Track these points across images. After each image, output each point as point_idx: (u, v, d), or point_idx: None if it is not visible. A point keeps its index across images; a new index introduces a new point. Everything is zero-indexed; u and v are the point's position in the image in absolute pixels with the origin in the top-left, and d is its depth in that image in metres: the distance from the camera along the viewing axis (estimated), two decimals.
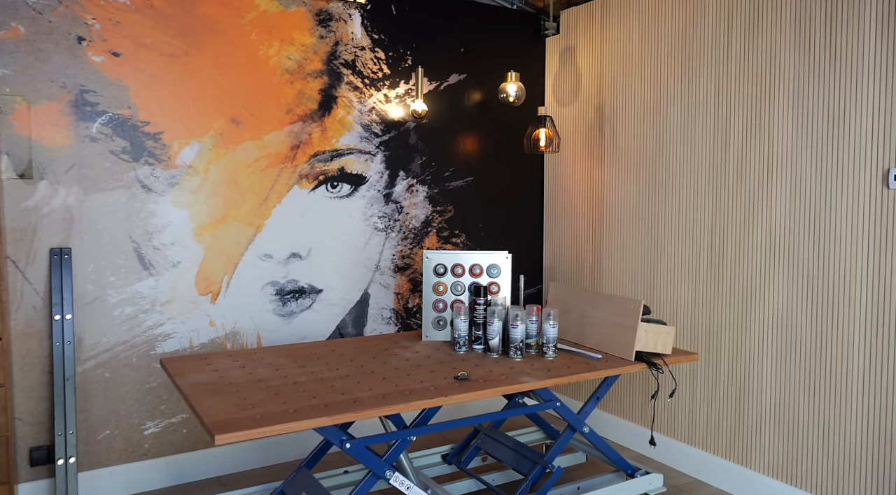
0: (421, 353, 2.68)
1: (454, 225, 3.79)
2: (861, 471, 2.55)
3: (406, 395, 2.13)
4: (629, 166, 3.49)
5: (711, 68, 3.06)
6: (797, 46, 2.71)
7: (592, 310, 2.81)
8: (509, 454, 2.81)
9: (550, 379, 2.34)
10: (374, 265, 3.53)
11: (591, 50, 3.72)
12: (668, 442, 3.31)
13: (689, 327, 3.20)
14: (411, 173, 3.62)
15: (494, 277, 2.89)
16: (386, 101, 3.52)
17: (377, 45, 3.47)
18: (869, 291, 2.50)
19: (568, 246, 3.94)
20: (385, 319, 3.59)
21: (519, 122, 3.96)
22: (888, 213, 2.44)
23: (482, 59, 3.82)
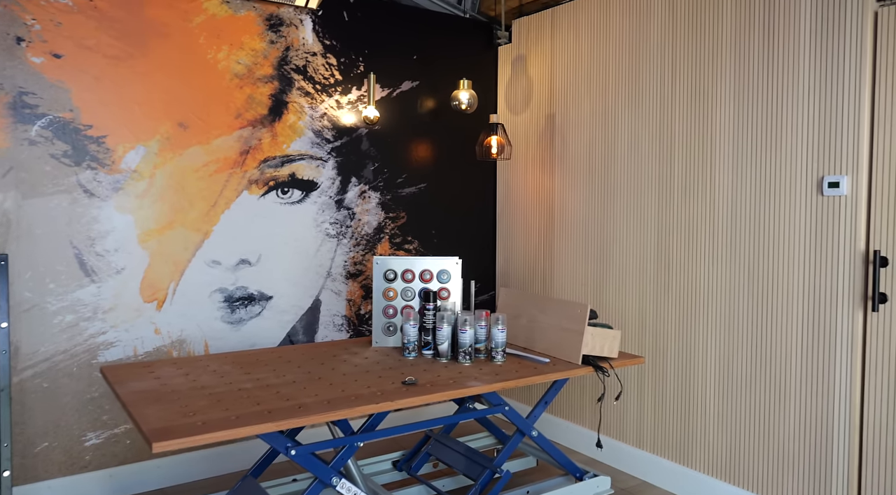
0: (370, 359, 2.67)
1: (407, 231, 3.79)
2: (798, 470, 2.62)
3: (352, 400, 2.12)
4: (579, 174, 3.55)
5: (657, 79, 3.14)
6: (736, 61, 2.81)
7: (541, 315, 2.84)
8: (460, 459, 2.81)
9: (498, 383, 2.35)
10: (326, 271, 3.51)
11: (541, 59, 3.78)
12: (617, 445, 3.36)
13: (637, 332, 3.26)
14: (364, 179, 3.61)
15: (444, 283, 2.90)
16: (338, 107, 3.51)
17: (329, 50, 3.46)
18: (805, 296, 2.59)
19: (520, 252, 3.98)
20: (337, 326, 3.57)
21: (472, 129, 3.99)
22: (822, 219, 2.53)
23: (435, 66, 3.84)
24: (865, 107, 2.43)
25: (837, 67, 2.48)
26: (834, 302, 2.51)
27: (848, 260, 2.47)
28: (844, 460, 2.49)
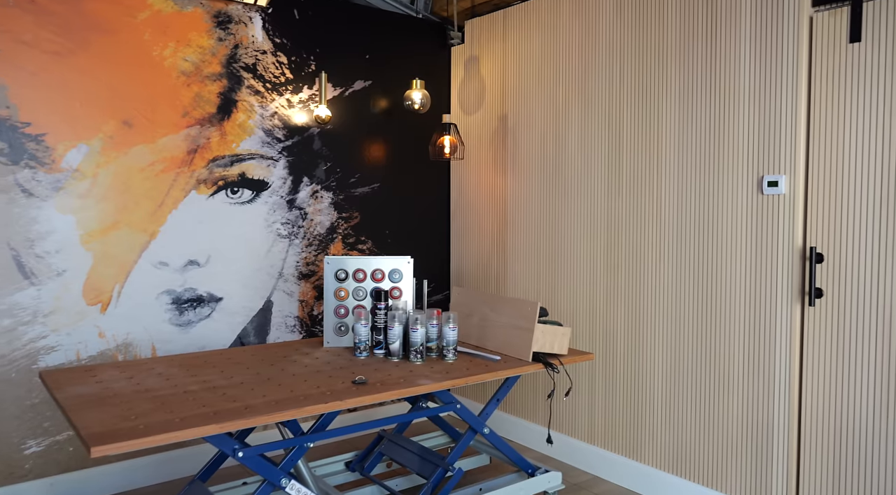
0: (321, 359, 2.65)
1: (360, 231, 3.77)
2: (742, 460, 2.70)
3: (301, 401, 2.10)
4: (531, 174, 3.59)
5: (605, 81, 3.19)
6: (681, 65, 2.88)
7: (493, 314, 2.87)
8: (413, 459, 2.81)
9: (448, 381, 2.36)
10: (278, 272, 3.47)
11: (494, 60, 3.81)
12: (569, 441, 3.41)
13: (588, 329, 3.31)
14: (316, 179, 3.59)
15: (396, 282, 2.90)
16: (289, 106, 3.47)
17: (279, 49, 3.43)
18: (747, 292, 2.67)
19: (474, 251, 4.00)
20: (289, 327, 3.53)
21: (425, 129, 4.00)
22: (762, 218, 2.61)
23: (388, 66, 3.84)
24: (802, 108, 2.51)
25: (776, 71, 2.56)
26: (774, 297, 2.59)
27: (786, 256, 2.55)
28: (784, 449, 2.57)
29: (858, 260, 2.39)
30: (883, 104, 2.32)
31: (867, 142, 2.36)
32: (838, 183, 2.44)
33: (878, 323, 2.35)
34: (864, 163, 2.37)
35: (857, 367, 2.40)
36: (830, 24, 2.44)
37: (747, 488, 2.68)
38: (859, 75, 2.38)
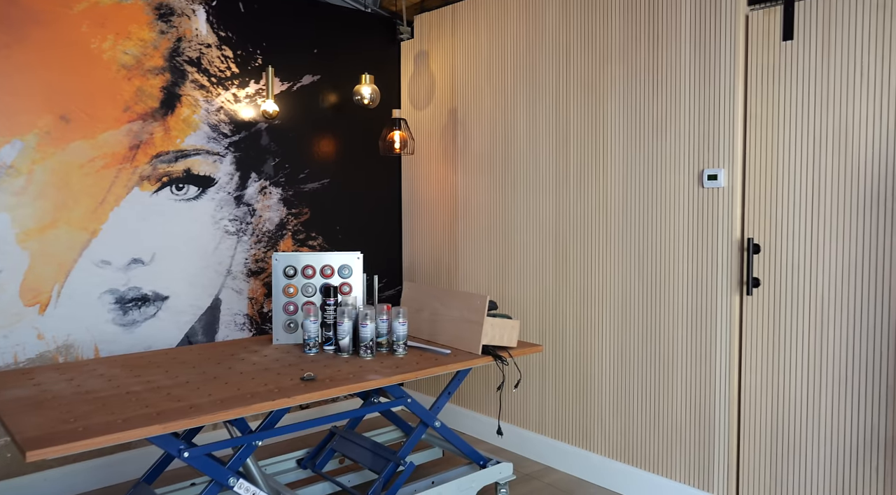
0: (269, 357, 2.63)
1: (311, 227, 3.74)
2: (686, 446, 2.78)
3: (248, 399, 2.08)
4: (481, 168, 3.62)
5: (552, 77, 3.24)
6: (624, 61, 2.93)
7: (443, 308, 2.88)
8: (365, 454, 2.81)
9: (398, 376, 2.37)
10: (226, 270, 3.42)
11: (443, 55, 3.82)
12: (521, 432, 3.45)
13: (538, 321, 3.35)
14: (264, 175, 3.54)
15: (346, 278, 2.89)
16: (235, 100, 3.42)
17: (224, 42, 3.37)
18: (689, 282, 2.75)
19: (426, 246, 4.01)
20: (238, 325, 3.48)
21: (375, 124, 3.98)
22: (703, 210, 2.69)
23: (337, 60, 3.81)
24: (739, 104, 2.60)
25: (715, 67, 2.64)
26: (714, 287, 2.67)
27: (726, 247, 2.63)
28: (725, 434, 2.66)
29: (792, 250, 2.49)
30: (813, 100, 2.42)
31: (799, 136, 2.46)
32: (773, 176, 2.53)
33: (811, 310, 2.44)
34: (797, 157, 2.46)
35: (792, 353, 2.50)
36: (765, 22, 2.52)
37: (692, 473, 2.77)
38: (792, 72, 2.47)
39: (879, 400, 2.30)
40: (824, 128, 2.39)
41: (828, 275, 2.40)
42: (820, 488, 2.44)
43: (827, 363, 2.41)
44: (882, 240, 2.28)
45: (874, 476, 2.32)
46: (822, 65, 2.39)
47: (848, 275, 2.36)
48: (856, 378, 2.35)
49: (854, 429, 2.36)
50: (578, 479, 3.16)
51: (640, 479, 2.93)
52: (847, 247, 2.36)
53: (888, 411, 2.28)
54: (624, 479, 3.00)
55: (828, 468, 2.42)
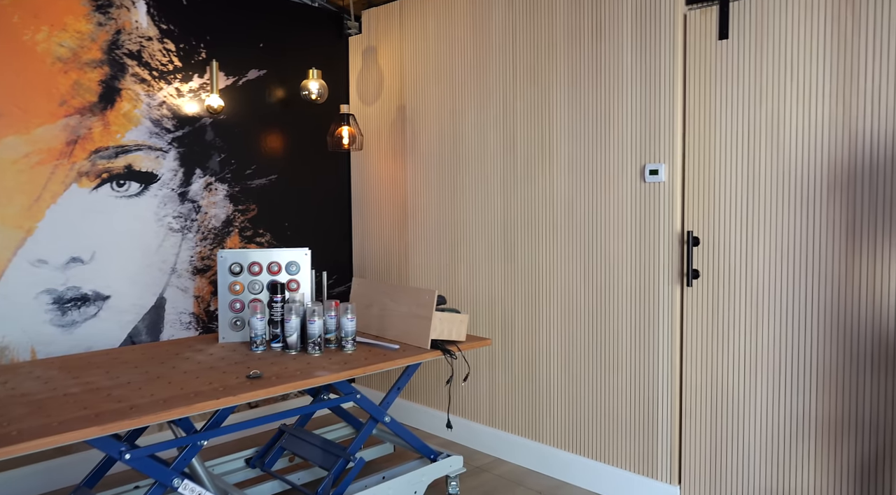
0: (215, 355, 2.59)
1: (258, 224, 3.69)
2: (631, 434, 2.85)
3: (191, 398, 2.05)
4: (430, 165, 3.63)
5: (499, 73, 3.27)
6: (569, 58, 2.98)
7: (392, 303, 2.89)
8: (315, 451, 2.79)
9: (346, 372, 2.36)
10: (170, 268, 3.35)
11: (391, 50, 3.82)
12: (472, 425, 3.49)
13: (487, 315, 3.39)
14: (209, 171, 3.48)
15: (294, 274, 2.87)
16: (178, 95, 3.35)
17: (166, 35, 3.29)
18: (633, 274, 2.81)
19: (376, 242, 4.01)
20: (184, 324, 3.42)
21: (324, 119, 3.95)
22: (645, 204, 2.76)
23: (283, 55, 3.76)
24: (678, 101, 2.67)
25: (655, 65, 2.71)
26: (656, 279, 2.74)
27: (667, 240, 2.71)
28: (668, 422, 2.74)
29: (729, 242, 2.57)
30: (748, 98, 2.50)
31: (735, 132, 2.54)
32: (711, 171, 2.61)
33: (747, 300, 2.53)
34: (733, 153, 2.55)
35: (729, 342, 2.59)
36: (702, 21, 2.60)
37: (637, 460, 2.84)
38: (727, 70, 2.55)
39: (809, 386, 2.40)
40: (758, 124, 2.48)
41: (762, 266, 2.49)
42: (756, 470, 2.54)
43: (761, 351, 2.51)
44: (811, 232, 2.38)
45: (805, 457, 2.42)
46: (756, 63, 2.48)
47: (781, 267, 2.45)
48: (788, 365, 2.45)
49: (786, 414, 2.46)
50: (528, 470, 3.21)
51: (588, 468, 3.00)
52: (780, 240, 2.45)
53: (817, 396, 2.39)
54: (572, 468, 3.06)
55: (763, 451, 2.52)
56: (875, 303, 2.26)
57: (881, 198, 2.23)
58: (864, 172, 2.26)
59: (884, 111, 2.21)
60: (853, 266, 2.30)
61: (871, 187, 2.25)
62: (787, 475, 2.47)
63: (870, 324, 2.27)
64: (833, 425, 2.36)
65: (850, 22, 2.26)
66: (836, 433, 2.36)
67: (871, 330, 2.27)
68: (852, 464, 2.33)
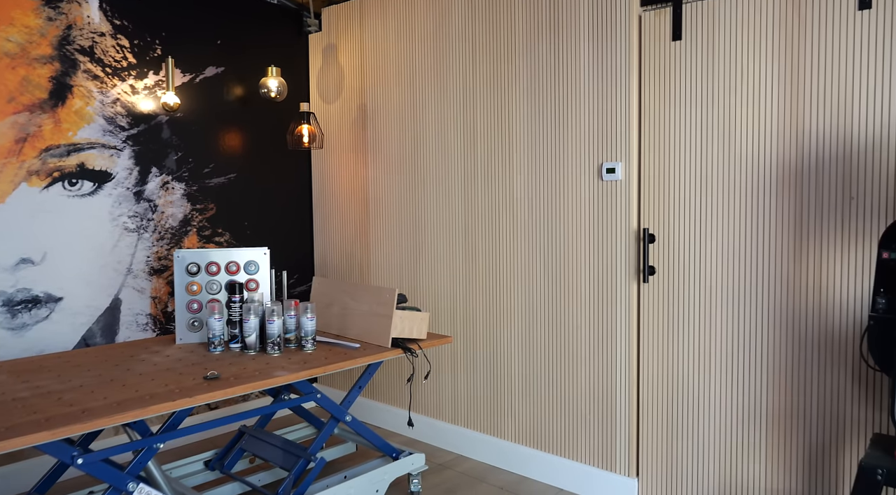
0: (172, 357, 2.55)
1: (217, 223, 3.64)
2: (590, 428, 2.90)
3: (146, 400, 2.01)
4: (391, 164, 3.62)
5: (459, 72, 3.28)
6: (529, 58, 3.01)
7: (353, 302, 2.88)
8: (276, 452, 2.77)
9: (305, 371, 2.35)
10: (126, 268, 3.28)
11: (352, 48, 3.80)
12: (435, 422, 3.50)
13: (449, 313, 3.40)
14: (166, 170, 3.42)
15: (252, 274, 2.84)
16: (133, 92, 3.28)
17: (120, 31, 3.22)
18: (591, 271, 2.86)
19: (338, 241, 3.99)
20: (141, 326, 3.35)
21: (285, 117, 3.92)
22: (603, 202, 2.80)
23: (242, 52, 3.72)
24: (634, 101, 2.71)
25: (611, 66, 2.75)
26: (614, 276, 2.79)
27: (624, 238, 2.75)
28: (626, 416, 2.79)
29: (683, 239, 2.63)
30: (700, 98, 2.56)
31: (689, 132, 2.60)
32: (666, 170, 2.66)
33: (701, 296, 2.59)
34: (687, 152, 2.61)
35: (684, 337, 2.64)
36: (656, 22, 2.65)
37: (596, 455, 2.88)
38: (681, 71, 2.60)
39: (760, 379, 2.47)
40: (710, 124, 2.54)
41: (715, 262, 2.56)
42: (710, 461, 2.61)
43: (715, 346, 2.57)
44: (761, 229, 2.45)
45: (757, 448, 2.49)
46: (708, 64, 2.53)
47: (732, 263, 2.52)
48: (740, 359, 2.52)
49: (739, 406, 2.53)
50: (490, 466, 3.23)
51: (548, 463, 3.03)
52: (731, 236, 2.51)
53: (768, 389, 2.46)
54: (533, 463, 3.09)
55: (717, 442, 2.59)
56: (821, 299, 2.33)
57: (827, 196, 2.30)
58: (811, 171, 2.33)
59: (829, 111, 2.28)
60: (801, 262, 2.37)
61: (817, 185, 2.32)
62: (740, 465, 2.54)
63: (816, 318, 2.35)
64: (783, 416, 2.43)
65: (797, 24, 2.33)
66: (786, 424, 2.43)
67: (817, 324, 2.35)
68: (801, 454, 2.40)
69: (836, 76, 2.26)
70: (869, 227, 2.22)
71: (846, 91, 2.24)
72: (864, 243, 2.23)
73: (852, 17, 2.22)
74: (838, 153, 2.27)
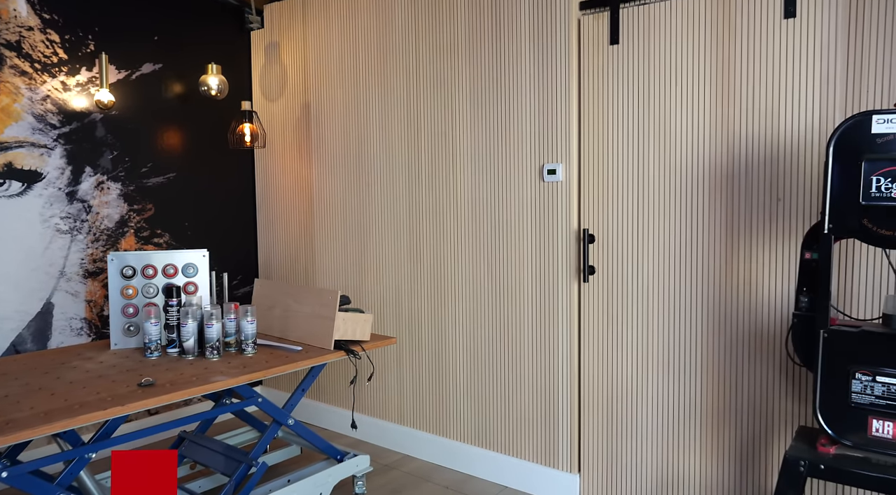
0: (106, 363, 2.48)
1: (155, 224, 3.55)
2: (533, 426, 2.94)
3: (76, 410, 1.95)
4: (336, 164, 3.59)
5: (403, 72, 3.27)
6: (471, 60, 3.02)
7: (295, 304, 2.85)
8: (217, 458, 2.72)
9: (245, 376, 2.31)
10: (59, 271, 3.17)
11: (295, 46, 3.75)
12: (381, 423, 3.49)
13: (394, 314, 3.40)
14: (101, 169, 3.31)
15: (191, 277, 2.78)
16: (64, 89, 3.17)
17: (49, 26, 3.11)
18: (534, 271, 2.89)
19: (282, 242, 3.94)
20: (75, 330, 3.25)
21: (226, 115, 3.84)
22: (545, 203, 2.84)
23: (181, 49, 3.63)
24: (574, 103, 2.76)
25: (552, 68, 2.78)
26: (556, 276, 2.83)
27: (565, 238, 2.79)
28: (568, 413, 2.84)
29: (621, 239, 2.69)
30: (637, 101, 2.62)
31: (626, 134, 2.65)
32: (604, 171, 2.71)
33: (638, 295, 2.66)
34: (625, 154, 2.66)
35: (623, 336, 2.70)
36: (595, 26, 2.70)
37: (539, 452, 2.92)
38: (619, 74, 2.65)
39: (695, 375, 2.55)
40: (647, 126, 2.60)
41: (652, 262, 2.62)
42: (649, 455, 2.67)
43: (652, 344, 2.64)
44: (695, 230, 2.52)
45: (693, 442, 2.57)
46: (644, 68, 2.59)
47: (668, 263, 2.58)
48: (676, 356, 2.59)
49: (676, 403, 2.60)
50: (435, 465, 3.25)
51: (493, 461, 3.06)
52: (667, 237, 2.58)
53: (702, 385, 2.53)
54: (478, 462, 3.12)
55: (655, 437, 2.66)
56: (751, 297, 2.42)
57: (756, 197, 2.39)
58: (741, 173, 2.41)
59: (757, 115, 2.36)
60: (732, 261, 2.45)
61: (746, 187, 2.40)
62: (677, 459, 2.61)
63: (747, 316, 2.43)
64: (716, 411, 2.51)
65: (727, 31, 2.40)
66: (719, 418, 2.51)
67: (747, 321, 2.43)
68: (733, 446, 2.49)
69: (764, 81, 2.34)
70: (795, 227, 2.31)
71: (773, 96, 2.33)
72: (790, 243, 2.33)
73: (778, 26, 2.30)
74: (766, 156, 2.36)
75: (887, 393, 1.80)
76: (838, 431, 1.88)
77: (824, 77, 2.23)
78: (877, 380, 1.82)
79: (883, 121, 1.75)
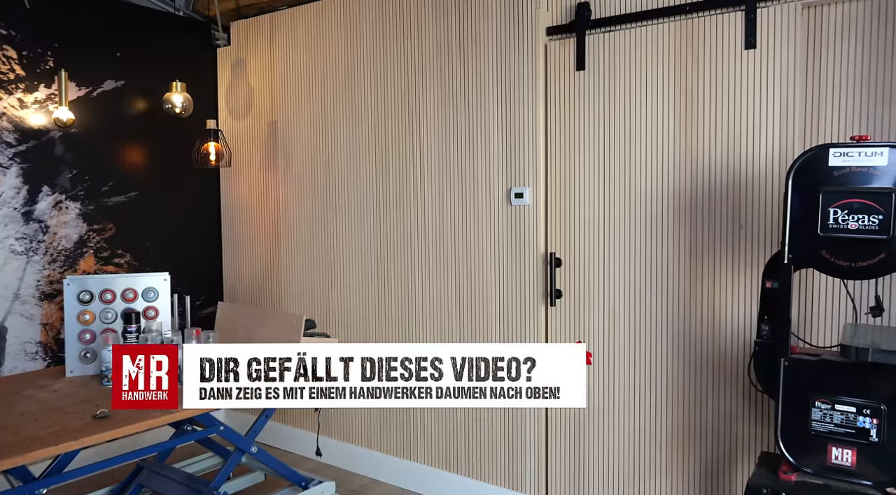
0: (60, 392, 2.40)
1: (116, 244, 3.47)
2: (501, 450, 2.92)
3: (26, 445, 1.88)
4: (303, 184, 3.55)
5: (371, 94, 3.25)
6: (439, 85, 3.01)
7: (259, 328, 2.80)
8: (177, 488, 2.64)
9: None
10: (13, 294, 3.07)
11: (262, 64, 3.71)
12: (349, 447, 3.44)
13: (362, 336, 3.35)
14: (59, 188, 3.23)
15: (151, 301, 2.71)
16: (21, 106, 3.09)
17: (6, 42, 3.03)
18: (501, 294, 2.88)
19: (248, 263, 3.87)
20: (30, 355, 3.15)
21: (192, 133, 3.77)
22: (512, 226, 2.84)
23: (145, 65, 3.56)
24: (541, 127, 2.77)
25: (519, 93, 2.79)
26: (523, 299, 2.82)
27: (532, 261, 2.79)
28: (535, 437, 2.82)
29: (587, 263, 2.70)
30: (603, 127, 2.64)
31: (592, 159, 2.67)
32: (571, 195, 2.72)
33: (604, 318, 2.66)
34: (590, 179, 2.68)
35: (591, 359, 2.71)
36: (561, 52, 2.72)
37: (507, 476, 2.91)
38: (585, 100, 2.67)
39: (660, 399, 2.56)
40: (612, 152, 2.62)
41: (617, 286, 2.63)
42: (616, 478, 2.67)
43: (617, 367, 2.65)
44: (659, 254, 2.54)
45: (658, 464, 2.58)
46: (609, 94, 2.61)
47: (633, 287, 2.60)
48: (641, 380, 2.60)
49: (641, 426, 2.61)
50: (403, 490, 3.21)
51: (460, 485, 3.03)
52: (632, 261, 2.60)
53: (667, 409, 2.55)
54: (447, 486, 3.08)
55: (621, 460, 2.66)
56: (714, 322, 2.44)
57: (718, 223, 2.41)
58: (705, 199, 2.44)
59: (719, 142, 2.40)
60: (696, 287, 2.47)
61: (710, 213, 2.43)
62: (643, 481, 2.61)
63: (711, 341, 2.45)
64: (681, 435, 2.53)
65: (690, 60, 2.44)
66: (684, 442, 2.52)
67: (712, 346, 2.45)
68: (698, 470, 2.50)
69: (726, 109, 2.38)
70: (757, 253, 2.34)
71: (734, 123, 2.36)
72: (752, 268, 2.35)
73: (739, 56, 2.34)
74: (728, 183, 2.39)
75: (846, 422, 1.83)
76: (799, 458, 1.89)
77: (783, 107, 2.27)
78: (836, 409, 1.84)
79: (839, 154, 1.79)
